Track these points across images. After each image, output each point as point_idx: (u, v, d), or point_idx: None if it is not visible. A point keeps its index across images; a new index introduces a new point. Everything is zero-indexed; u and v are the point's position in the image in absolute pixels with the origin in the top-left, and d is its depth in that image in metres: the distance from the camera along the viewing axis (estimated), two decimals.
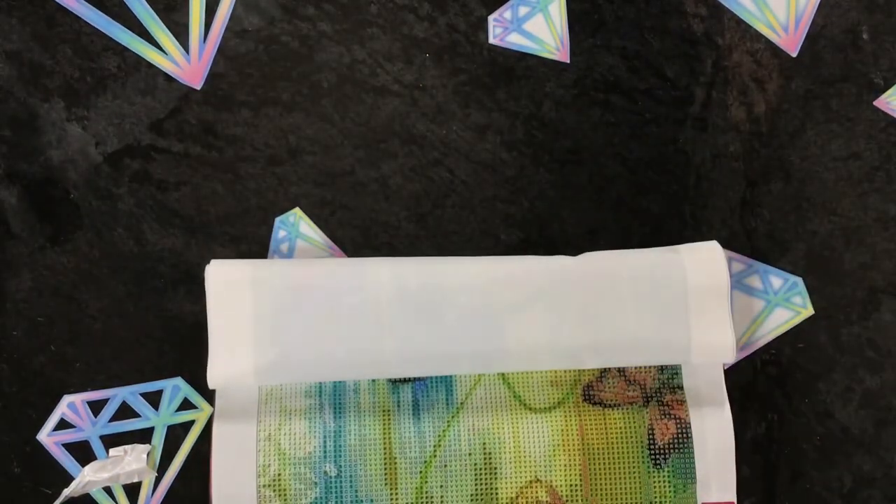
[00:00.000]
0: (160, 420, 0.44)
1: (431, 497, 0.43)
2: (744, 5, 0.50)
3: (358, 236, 0.46)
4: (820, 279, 0.47)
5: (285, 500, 0.42)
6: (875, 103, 0.49)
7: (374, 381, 0.44)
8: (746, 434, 0.46)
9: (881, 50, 0.50)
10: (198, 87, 0.47)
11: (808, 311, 0.47)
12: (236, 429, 0.43)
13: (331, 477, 0.43)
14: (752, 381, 0.46)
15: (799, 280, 0.47)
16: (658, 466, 0.44)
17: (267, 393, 0.43)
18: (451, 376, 0.44)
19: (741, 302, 0.47)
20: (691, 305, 0.43)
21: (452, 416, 0.44)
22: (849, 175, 0.48)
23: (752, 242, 0.47)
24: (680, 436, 0.44)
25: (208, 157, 0.46)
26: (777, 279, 0.47)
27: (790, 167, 0.48)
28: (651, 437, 0.44)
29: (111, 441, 0.43)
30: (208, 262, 0.43)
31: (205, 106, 0.47)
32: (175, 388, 0.44)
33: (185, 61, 0.47)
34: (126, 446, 0.43)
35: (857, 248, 0.48)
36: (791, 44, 0.50)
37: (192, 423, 0.44)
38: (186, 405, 0.44)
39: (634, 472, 0.43)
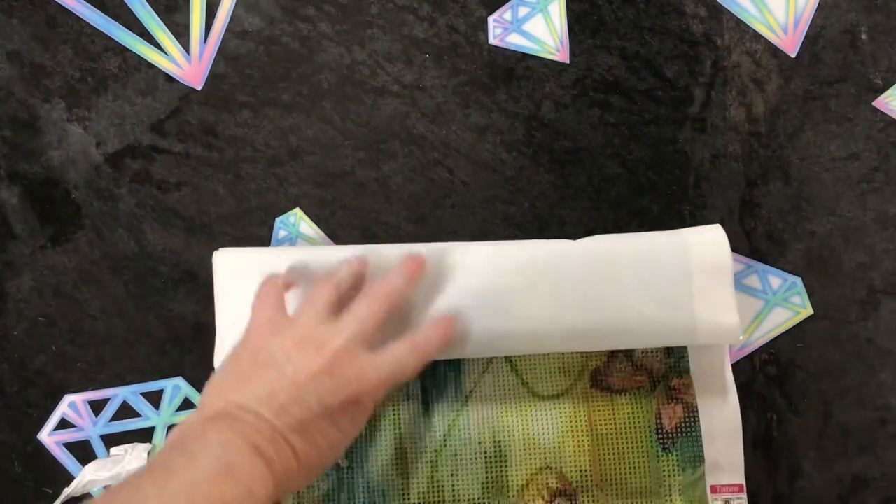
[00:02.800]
0: (161, 419, 0.44)
1: (443, 486, 0.43)
2: (743, 6, 0.50)
3: (358, 236, 0.46)
4: (819, 279, 0.47)
5: (298, 493, 0.42)
6: (874, 104, 0.49)
7: None
8: (746, 433, 0.46)
9: (880, 50, 0.50)
10: (198, 87, 0.47)
11: (808, 310, 0.47)
12: None
13: (342, 468, 0.43)
14: (751, 380, 0.46)
15: (798, 280, 0.47)
16: (667, 450, 0.44)
17: None
18: (459, 365, 0.44)
19: (740, 302, 0.47)
20: (695, 287, 0.43)
21: (462, 405, 0.44)
22: (848, 175, 0.48)
23: (752, 242, 0.48)
24: (688, 420, 0.44)
25: (209, 158, 0.46)
26: (776, 279, 0.47)
27: (789, 167, 0.48)
28: (659, 421, 0.44)
29: (112, 440, 0.43)
30: (209, 263, 0.43)
31: (205, 106, 0.47)
32: (175, 387, 0.44)
33: (186, 62, 0.47)
34: (127, 445, 0.43)
35: (856, 248, 0.48)
36: (790, 44, 0.50)
37: None
38: (187, 405, 0.44)
39: (643, 457, 0.44)
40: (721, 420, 0.44)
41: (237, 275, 0.42)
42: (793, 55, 0.49)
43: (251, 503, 0.31)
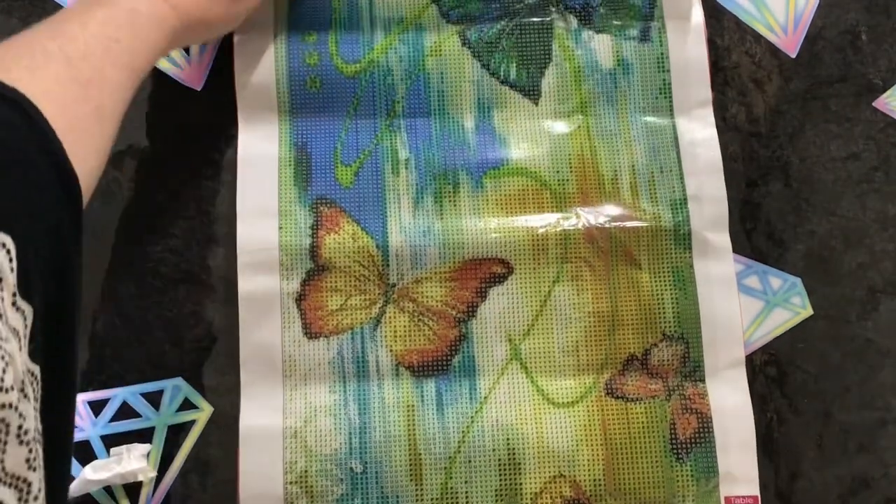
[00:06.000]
0: (160, 420, 0.44)
1: (456, 493, 0.43)
2: (743, 6, 0.50)
3: None
4: (819, 279, 0.47)
5: (312, 497, 0.42)
6: (874, 104, 0.49)
7: (397, 375, 0.44)
8: None
9: (880, 51, 0.50)
10: (198, 87, 0.47)
11: (807, 311, 0.47)
12: (263, 426, 0.43)
13: (357, 473, 0.43)
14: (751, 381, 0.46)
15: (798, 280, 0.47)
16: (681, 461, 0.44)
17: (292, 388, 0.43)
18: (473, 372, 0.44)
19: (740, 303, 0.47)
20: None
21: (476, 412, 0.43)
22: (848, 175, 0.48)
23: (752, 243, 0.48)
24: (701, 430, 0.44)
25: (209, 158, 0.46)
26: (776, 279, 0.47)
27: (789, 168, 0.48)
28: (673, 431, 0.44)
29: (112, 441, 0.43)
30: (209, 263, 0.43)
31: (205, 106, 0.47)
32: (175, 388, 0.44)
33: (186, 62, 0.47)
34: (126, 446, 0.43)
35: (856, 248, 0.48)
36: (790, 44, 0.50)
37: (192, 423, 0.44)
38: (187, 405, 0.44)
39: (657, 467, 0.43)
40: (735, 431, 0.44)
41: None
42: (793, 55, 0.49)
43: (143, 19, 0.37)
